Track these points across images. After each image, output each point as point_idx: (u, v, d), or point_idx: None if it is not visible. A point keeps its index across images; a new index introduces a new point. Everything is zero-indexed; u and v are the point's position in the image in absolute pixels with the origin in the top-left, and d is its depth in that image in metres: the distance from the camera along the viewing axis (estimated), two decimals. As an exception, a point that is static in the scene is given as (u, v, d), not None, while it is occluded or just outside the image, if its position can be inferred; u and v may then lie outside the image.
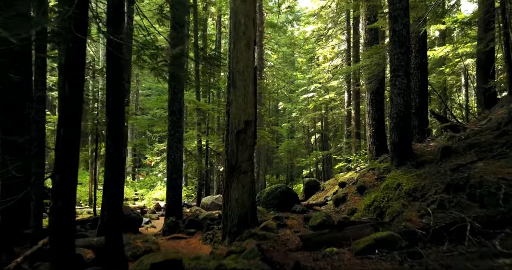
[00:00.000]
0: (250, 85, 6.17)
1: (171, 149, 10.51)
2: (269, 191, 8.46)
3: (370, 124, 11.27)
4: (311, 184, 12.30)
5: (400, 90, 5.79)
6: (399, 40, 5.94)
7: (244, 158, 6.12)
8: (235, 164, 6.13)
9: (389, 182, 5.28)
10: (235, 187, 6.14)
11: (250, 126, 6.16)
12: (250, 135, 6.19)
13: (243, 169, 6.11)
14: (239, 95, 6.10)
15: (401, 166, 5.64)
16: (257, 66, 6.39)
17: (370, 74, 9.69)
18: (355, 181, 9.37)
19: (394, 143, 5.71)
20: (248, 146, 6.15)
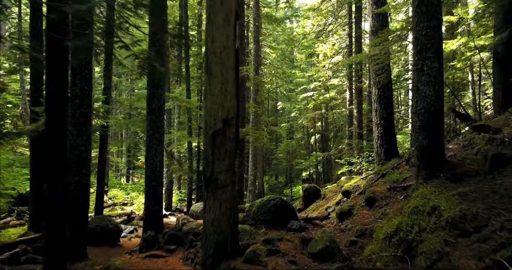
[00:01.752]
0: (230, 72, 4.59)
1: (150, 152, 8.94)
2: (260, 204, 6.87)
3: (377, 124, 9.68)
4: (310, 191, 10.71)
5: (429, 77, 4.21)
6: (428, 10, 4.37)
7: (222, 167, 4.53)
8: (210, 176, 4.55)
9: (418, 202, 3.72)
10: (211, 206, 4.56)
11: (230, 125, 4.58)
12: (231, 137, 4.61)
13: (220, 182, 4.53)
14: (215, 85, 4.51)
15: (432, 178, 4.09)
16: (239, 46, 4.81)
17: (379, 65, 8.13)
18: (363, 191, 7.78)
19: (422, 148, 4.16)
20: (227, 152, 4.56)
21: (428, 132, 4.17)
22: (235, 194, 4.81)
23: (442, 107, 4.28)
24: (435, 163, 4.18)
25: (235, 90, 4.68)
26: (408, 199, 4.45)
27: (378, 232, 4.11)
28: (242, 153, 13.51)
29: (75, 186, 7.44)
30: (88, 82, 7.59)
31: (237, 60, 4.80)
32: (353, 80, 18.53)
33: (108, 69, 11.85)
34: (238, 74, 4.82)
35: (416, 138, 4.30)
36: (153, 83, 9.02)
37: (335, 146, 22.22)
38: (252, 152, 18.73)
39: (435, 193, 3.68)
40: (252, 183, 18.51)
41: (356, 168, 15.22)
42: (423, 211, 3.53)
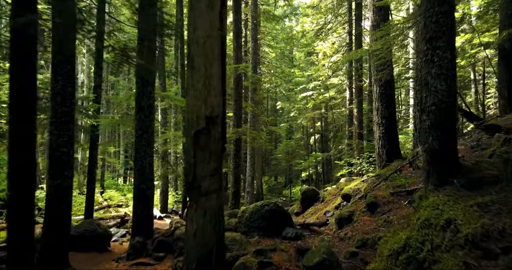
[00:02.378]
0: (215, 64, 4.02)
1: (138, 153, 8.39)
2: (253, 210, 6.31)
3: (379, 124, 9.13)
4: (308, 194, 10.14)
5: (440, 70, 3.65)
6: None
7: (206, 172, 3.97)
8: (192, 181, 3.99)
9: (429, 214, 3.17)
10: (193, 215, 3.99)
11: (215, 124, 4.01)
12: (216, 137, 4.04)
13: (204, 189, 3.96)
14: (198, 79, 3.95)
15: (444, 185, 3.53)
16: (225, 37, 4.26)
17: (381, 60, 7.58)
18: (363, 195, 7.22)
19: (432, 150, 3.61)
20: (212, 154, 3.99)
21: (439, 132, 3.62)
22: (221, 201, 4.25)
23: (454, 103, 3.72)
24: (448, 167, 3.62)
25: (220, 85, 4.12)
26: (417, 208, 3.89)
27: (382, 247, 3.56)
28: (239, 153, 12.97)
29: (55, 190, 6.91)
30: (70, 78, 7.04)
31: (223, 51, 4.23)
32: (353, 79, 17.98)
33: (99, 66, 11.30)
34: (225, 68, 4.26)
35: (425, 138, 3.75)
36: (142, 81, 8.48)
37: (335, 146, 21.66)
38: (250, 153, 18.16)
39: (449, 203, 3.14)
40: (250, 184, 17.95)
41: (356, 169, 14.68)
42: (436, 225, 2.98)
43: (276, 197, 28.71)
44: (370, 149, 15.95)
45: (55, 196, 6.91)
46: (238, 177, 12.73)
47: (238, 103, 13.02)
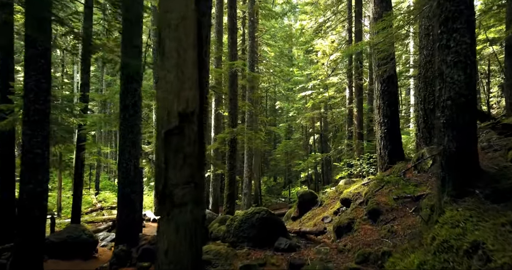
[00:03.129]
0: (190, 51, 3.34)
1: (123, 155, 7.75)
2: (243, 218, 5.66)
3: (380, 123, 8.47)
4: (306, 198, 9.49)
5: (458, 57, 2.99)
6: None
7: (179, 179, 3.29)
8: (163, 189, 3.31)
9: (448, 233, 2.54)
10: (164, 231, 3.31)
11: (191, 122, 3.33)
12: (191, 137, 3.36)
13: (177, 199, 3.28)
14: (170, 68, 3.27)
15: (464, 196, 2.88)
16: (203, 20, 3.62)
17: (383, 52, 6.93)
18: (364, 200, 6.57)
19: (448, 153, 2.96)
20: (186, 158, 3.31)
21: (457, 132, 2.97)
22: (199, 214, 3.57)
23: (475, 97, 3.07)
24: (467, 174, 2.98)
25: (197, 76, 3.44)
26: (429, 222, 3.23)
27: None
28: (234, 154, 12.32)
29: (28, 195, 6.27)
30: (45, 73, 6.40)
31: (200, 36, 3.55)
32: (353, 77, 17.32)
33: (86, 63, 10.67)
34: (203, 57, 3.57)
35: (438, 139, 3.10)
36: (127, 77, 7.84)
37: (334, 147, 21.00)
38: (248, 153, 17.53)
39: (472, 220, 2.50)
40: (247, 186, 17.32)
41: (356, 170, 14.02)
42: (457, 248, 2.34)
43: (275, 198, 28.06)
44: (370, 149, 15.31)
45: (28, 202, 6.28)
46: (233, 178, 12.09)
47: (233, 102, 12.37)
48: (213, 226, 7.36)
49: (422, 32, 9.74)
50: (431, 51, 9.50)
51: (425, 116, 9.26)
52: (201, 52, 3.66)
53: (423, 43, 9.73)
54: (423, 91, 9.56)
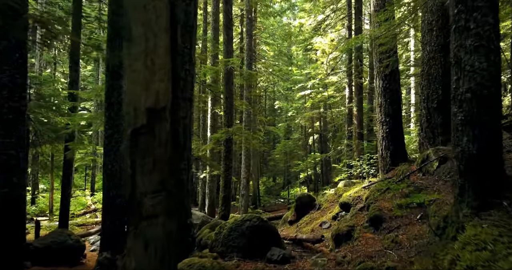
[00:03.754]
0: (161, 36, 2.80)
1: (108, 156, 7.22)
2: (232, 226, 5.13)
3: (382, 122, 7.95)
4: (304, 201, 8.96)
5: (479, 40, 2.46)
6: None
7: (149, 186, 2.75)
8: (130, 198, 2.77)
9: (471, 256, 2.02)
10: (131, 247, 2.77)
11: (162, 120, 2.80)
12: (163, 138, 2.83)
13: (146, 210, 2.75)
14: (137, 56, 2.74)
15: (488, 209, 2.34)
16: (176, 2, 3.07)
17: (386, 45, 6.42)
18: (365, 206, 6.04)
19: (468, 156, 2.44)
20: (157, 162, 2.78)
21: (479, 131, 2.44)
22: (173, 227, 3.04)
23: (499, 89, 2.54)
24: (492, 181, 2.44)
25: (170, 66, 2.90)
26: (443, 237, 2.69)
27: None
28: (229, 155, 11.80)
29: (3, 199, 5.75)
30: (21, 68, 5.90)
31: (173, 20, 3.02)
32: (353, 76, 16.79)
33: (74, 60, 10.15)
34: (177, 44, 3.05)
35: (456, 139, 2.57)
36: (112, 74, 7.31)
37: (334, 147, 20.46)
38: (245, 154, 17.01)
39: (503, 241, 1.97)
40: (245, 187, 16.80)
41: (356, 172, 13.48)
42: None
43: (274, 199, 27.54)
44: (370, 150, 14.79)
45: (3, 206, 5.77)
46: (228, 180, 11.56)
47: (229, 101, 11.85)
48: (203, 232, 6.84)
49: (425, 28, 9.24)
50: (435, 47, 9.00)
51: (429, 115, 8.76)
52: (175, 38, 3.11)
53: (426, 38, 9.22)
54: (426, 89, 9.05)
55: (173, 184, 3.02)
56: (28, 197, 17.82)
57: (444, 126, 8.53)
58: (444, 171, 5.73)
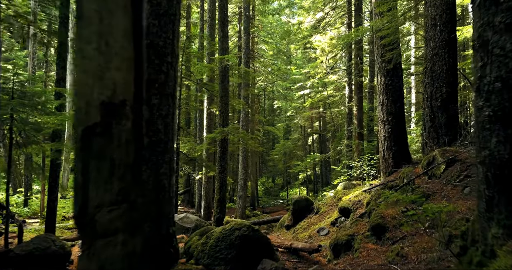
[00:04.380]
0: (119, 14, 2.24)
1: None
2: (220, 236, 4.60)
3: (384, 121, 7.42)
4: (301, 204, 8.44)
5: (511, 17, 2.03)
6: None
7: (106, 197, 2.20)
8: (81, 211, 2.22)
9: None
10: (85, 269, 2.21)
11: (122, 117, 2.25)
12: (123, 138, 2.27)
13: (101, 226, 2.20)
14: (89, 37, 2.17)
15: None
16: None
17: (388, 38, 5.89)
18: (366, 212, 5.51)
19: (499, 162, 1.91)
20: (116, 167, 2.22)
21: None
22: (138, 246, 2.50)
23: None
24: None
25: (131, 52, 2.36)
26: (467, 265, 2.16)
27: None
28: (225, 156, 11.27)
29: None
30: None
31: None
32: (352, 75, 16.27)
33: (62, 57, 9.63)
34: (141, 26, 2.50)
35: (481, 140, 2.06)
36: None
37: (334, 147, 19.93)
38: (243, 154, 16.48)
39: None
40: (242, 188, 16.27)
41: (356, 173, 12.96)
42: None
43: (273, 200, 27.01)
44: (370, 150, 14.29)
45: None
46: (223, 182, 11.04)
47: (224, 99, 11.32)
48: (192, 239, 6.29)
49: (429, 22, 8.73)
50: (439, 43, 8.50)
51: (432, 114, 8.26)
52: (139, 18, 2.56)
53: (430, 34, 8.71)
54: (429, 86, 8.54)
55: (137, 193, 2.47)
56: (21, 199, 17.31)
57: (449, 125, 8.02)
58: (452, 174, 5.20)
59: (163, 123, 4.33)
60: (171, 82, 4.43)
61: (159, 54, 4.34)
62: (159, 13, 4.36)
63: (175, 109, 4.49)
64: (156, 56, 4.34)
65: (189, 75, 14.60)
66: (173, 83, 4.46)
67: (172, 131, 4.43)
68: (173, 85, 4.46)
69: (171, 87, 4.44)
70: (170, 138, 4.38)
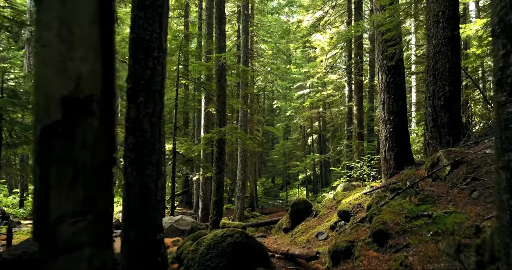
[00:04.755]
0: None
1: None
2: (211, 243, 4.28)
3: (385, 121, 7.11)
4: (299, 207, 8.12)
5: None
6: None
7: (68, 206, 1.88)
8: (40, 223, 1.90)
9: None
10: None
11: (88, 114, 1.92)
12: (89, 139, 1.95)
13: (64, 240, 1.87)
14: (50, 23, 1.85)
15: None
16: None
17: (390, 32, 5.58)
18: (368, 217, 5.20)
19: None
20: (80, 172, 1.89)
21: None
22: (107, 261, 2.18)
23: None
24: None
25: (98, 40, 2.04)
26: None
27: None
28: (222, 156, 10.95)
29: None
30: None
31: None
32: (352, 74, 15.95)
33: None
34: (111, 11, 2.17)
35: (505, 142, 1.75)
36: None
37: (333, 147, 19.61)
38: (241, 154, 16.17)
39: None
40: (241, 189, 15.94)
41: (356, 173, 12.66)
42: None
43: (272, 200, 26.71)
44: (371, 150, 13.98)
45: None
46: (220, 183, 10.72)
47: (221, 99, 11.01)
48: (185, 245, 5.99)
49: (431, 19, 8.43)
50: (441, 40, 8.21)
51: (434, 113, 7.96)
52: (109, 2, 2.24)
53: (432, 31, 8.42)
54: (432, 85, 8.24)
55: (105, 202, 2.15)
56: (17, 200, 17.02)
57: (452, 125, 7.73)
58: (458, 176, 4.88)
59: (149, 122, 4.02)
60: (158, 78, 4.12)
61: (145, 48, 4.03)
62: (144, 4, 4.05)
63: (163, 108, 4.17)
64: (142, 50, 4.03)
65: (187, 74, 14.30)
66: (161, 80, 4.15)
67: (159, 131, 4.12)
68: (160, 82, 4.15)
69: (158, 84, 4.13)
70: (157, 138, 4.07)
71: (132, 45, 4.06)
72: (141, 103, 4.02)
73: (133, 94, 4.03)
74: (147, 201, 4.09)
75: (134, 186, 4.04)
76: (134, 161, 4.02)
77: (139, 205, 4.08)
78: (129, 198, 4.10)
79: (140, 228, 4.05)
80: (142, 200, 4.06)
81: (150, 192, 4.10)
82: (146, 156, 4.01)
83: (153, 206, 4.14)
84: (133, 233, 4.10)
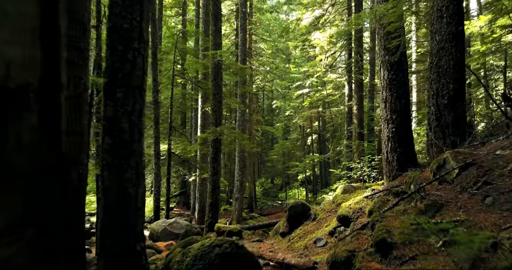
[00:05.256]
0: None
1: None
2: (197, 253, 3.87)
3: (387, 120, 6.70)
4: (297, 210, 7.70)
5: None
6: None
7: (2, 221, 1.43)
8: None
9: None
10: None
11: (22, 106, 1.51)
12: (25, 137, 1.56)
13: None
14: None
15: None
16: None
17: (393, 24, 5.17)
18: (370, 223, 4.78)
19: None
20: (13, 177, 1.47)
21: None
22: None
23: None
24: None
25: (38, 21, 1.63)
26: None
27: None
28: (217, 157, 10.55)
29: None
30: None
31: None
32: (352, 72, 15.54)
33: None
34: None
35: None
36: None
37: (333, 147, 19.19)
38: (239, 155, 15.75)
39: None
40: (239, 190, 15.52)
41: (356, 174, 12.24)
42: None
43: (272, 201, 26.30)
44: (371, 151, 13.58)
45: None
46: (216, 185, 10.31)
47: (217, 97, 10.60)
48: (174, 252, 5.57)
49: (434, 14, 8.00)
50: (445, 36, 7.78)
51: (438, 112, 7.55)
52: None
53: (435, 27, 7.99)
54: (435, 83, 7.82)
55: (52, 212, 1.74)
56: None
57: (456, 125, 7.31)
58: (468, 180, 4.46)
59: (128, 121, 3.61)
60: (138, 72, 3.71)
61: (123, 39, 3.61)
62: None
63: (143, 105, 3.76)
64: (120, 41, 3.61)
65: (183, 73, 13.91)
66: (141, 74, 3.74)
67: (139, 131, 3.71)
68: (141, 76, 3.74)
69: (138, 78, 3.72)
70: (136, 138, 3.66)
71: (110, 35, 3.65)
72: (119, 99, 3.61)
73: (110, 89, 3.61)
74: (126, 207, 3.67)
75: (112, 192, 3.63)
76: (111, 164, 3.60)
77: (118, 212, 3.67)
78: (106, 204, 3.69)
79: (119, 235, 3.64)
80: (120, 207, 3.65)
81: (129, 197, 3.69)
82: (124, 158, 3.60)
83: (133, 213, 3.73)
84: (110, 241, 3.69)
